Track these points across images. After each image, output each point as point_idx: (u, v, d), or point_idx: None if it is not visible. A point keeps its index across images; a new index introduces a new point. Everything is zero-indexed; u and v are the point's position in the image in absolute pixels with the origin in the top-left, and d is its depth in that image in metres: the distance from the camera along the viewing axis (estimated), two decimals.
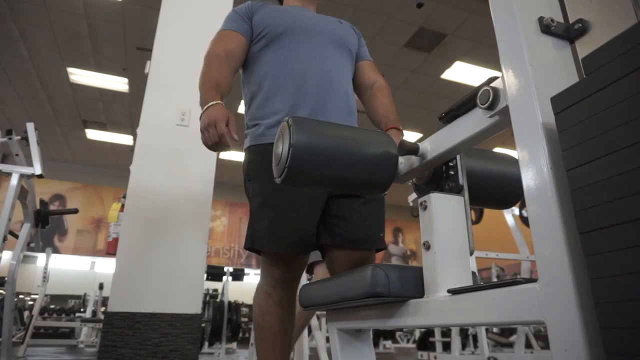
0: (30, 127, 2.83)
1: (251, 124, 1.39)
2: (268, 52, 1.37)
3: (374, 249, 1.33)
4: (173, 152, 2.78)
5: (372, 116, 1.44)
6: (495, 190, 0.92)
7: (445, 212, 0.74)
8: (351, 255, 1.27)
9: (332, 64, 1.38)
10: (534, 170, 0.52)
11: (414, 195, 3.77)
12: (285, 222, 1.24)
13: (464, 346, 4.81)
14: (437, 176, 0.83)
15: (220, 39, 1.38)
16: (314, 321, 2.97)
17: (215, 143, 1.17)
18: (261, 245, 1.26)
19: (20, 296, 7.27)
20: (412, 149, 0.79)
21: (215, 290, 6.08)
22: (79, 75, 6.84)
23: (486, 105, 0.61)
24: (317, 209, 1.27)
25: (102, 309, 6.16)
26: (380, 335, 6.64)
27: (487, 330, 4.14)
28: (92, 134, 8.78)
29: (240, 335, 5.42)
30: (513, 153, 0.74)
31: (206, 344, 5.36)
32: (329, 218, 1.29)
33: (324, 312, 1.18)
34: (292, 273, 1.30)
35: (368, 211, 1.31)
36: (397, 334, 7.80)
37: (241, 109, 7.64)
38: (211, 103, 1.21)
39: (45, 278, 5.23)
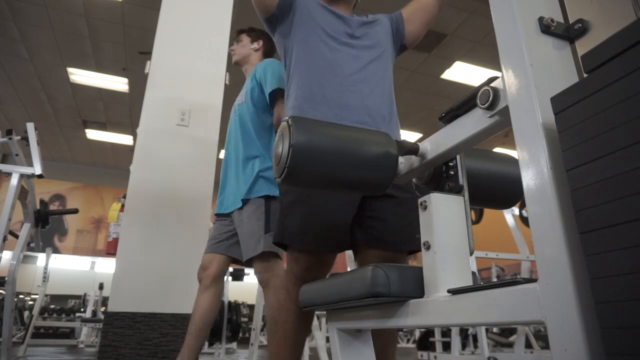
0: (30, 127, 2.83)
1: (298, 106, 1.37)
2: (311, 41, 1.39)
3: (406, 251, 1.33)
4: (173, 152, 2.78)
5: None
6: (495, 190, 0.92)
7: (445, 212, 0.74)
8: (383, 256, 1.28)
9: (367, 73, 1.39)
10: (534, 170, 0.52)
11: None
12: (317, 219, 1.25)
13: (464, 346, 4.81)
14: (437, 176, 0.83)
15: None
16: (314, 321, 2.97)
17: None
18: (291, 241, 1.27)
19: (20, 296, 7.27)
20: (412, 149, 0.79)
21: None
22: (79, 75, 6.84)
23: (486, 105, 0.61)
24: (350, 209, 1.28)
25: (102, 309, 6.16)
26: None
27: (487, 330, 4.15)
28: (92, 134, 8.78)
29: (240, 335, 5.42)
30: (513, 153, 0.74)
31: (206, 344, 5.36)
32: (364, 219, 1.30)
33: (324, 312, 1.18)
34: (313, 272, 1.29)
35: (403, 212, 1.31)
36: (397, 333, 7.80)
37: None
38: None
39: (45, 278, 5.24)
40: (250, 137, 2.00)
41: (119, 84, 7.06)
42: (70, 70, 6.66)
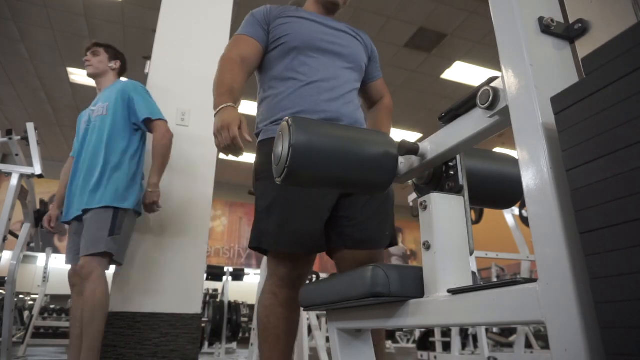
0: (30, 127, 2.83)
1: (265, 123, 1.41)
2: (283, 62, 1.41)
3: (380, 248, 1.34)
4: (173, 152, 2.77)
5: None
6: (495, 190, 0.92)
7: (445, 212, 0.74)
8: (357, 255, 1.29)
9: (342, 81, 1.41)
10: (534, 170, 0.52)
11: (414, 195, 3.77)
12: (292, 223, 1.26)
13: (464, 346, 4.81)
14: (437, 176, 0.83)
15: (236, 44, 1.43)
16: (314, 321, 2.97)
17: (227, 146, 1.16)
18: (268, 245, 1.28)
19: (20, 296, 7.27)
20: (412, 149, 0.79)
21: (215, 290, 6.09)
22: (79, 75, 6.84)
23: (486, 105, 0.61)
24: (325, 210, 1.29)
25: None
26: None
27: (487, 330, 4.14)
28: None
29: (240, 335, 5.42)
30: (513, 153, 0.74)
31: (206, 344, 5.36)
32: (336, 219, 1.31)
33: (324, 312, 1.18)
34: (298, 271, 1.30)
35: (371, 210, 1.32)
36: (397, 334, 7.80)
37: (241, 109, 7.64)
38: (223, 106, 1.21)
39: (45, 278, 5.24)
40: (110, 148, 2.23)
41: None
42: (70, 70, 6.66)
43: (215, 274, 5.06)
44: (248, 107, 7.63)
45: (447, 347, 4.66)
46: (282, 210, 1.27)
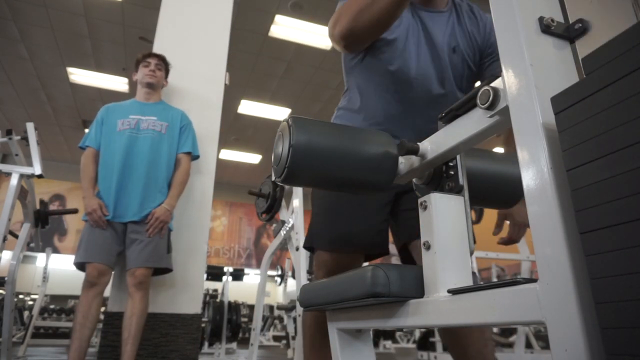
0: (30, 127, 2.82)
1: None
2: None
3: None
4: None
5: None
6: (495, 190, 0.92)
7: (445, 212, 0.74)
8: None
9: None
10: (534, 170, 0.52)
11: None
12: (343, 226, 1.28)
13: None
14: (437, 176, 0.83)
15: None
16: None
17: None
18: (318, 244, 1.33)
19: (20, 296, 7.27)
20: (412, 149, 0.79)
21: (215, 290, 6.09)
22: (79, 75, 6.84)
23: (486, 105, 0.61)
24: (381, 207, 1.30)
25: (102, 309, 6.15)
26: (380, 335, 6.64)
27: None
28: None
29: (240, 335, 5.42)
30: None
31: (206, 344, 5.36)
32: (401, 213, 1.33)
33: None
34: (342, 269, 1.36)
35: None
36: (397, 334, 7.80)
37: (241, 109, 7.65)
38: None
39: (45, 278, 5.24)
40: (170, 168, 2.45)
41: (119, 84, 7.06)
42: (70, 70, 6.66)
43: (215, 274, 5.07)
44: (248, 107, 7.63)
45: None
46: (335, 213, 1.31)
